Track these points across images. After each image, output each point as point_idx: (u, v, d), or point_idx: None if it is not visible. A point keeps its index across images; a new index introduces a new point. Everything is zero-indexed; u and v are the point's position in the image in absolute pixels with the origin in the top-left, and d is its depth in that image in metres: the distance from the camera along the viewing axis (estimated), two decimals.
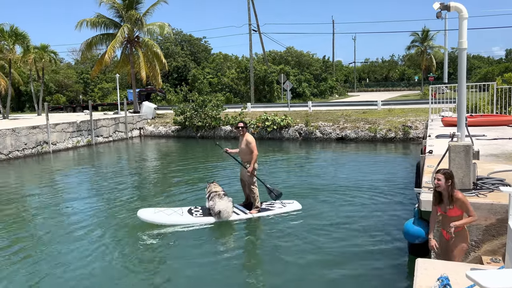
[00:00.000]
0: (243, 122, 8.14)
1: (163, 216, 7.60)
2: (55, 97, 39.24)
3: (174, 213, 7.74)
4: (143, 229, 7.39)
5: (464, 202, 4.27)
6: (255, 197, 7.95)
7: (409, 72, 75.67)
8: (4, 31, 23.38)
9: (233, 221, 7.69)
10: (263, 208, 8.07)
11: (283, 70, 41.69)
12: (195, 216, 7.70)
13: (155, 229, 7.36)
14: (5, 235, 7.49)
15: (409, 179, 10.57)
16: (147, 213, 7.70)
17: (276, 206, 8.25)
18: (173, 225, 7.45)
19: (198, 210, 7.96)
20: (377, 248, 6.35)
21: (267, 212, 7.99)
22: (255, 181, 7.95)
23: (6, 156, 16.49)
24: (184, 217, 7.64)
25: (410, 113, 21.23)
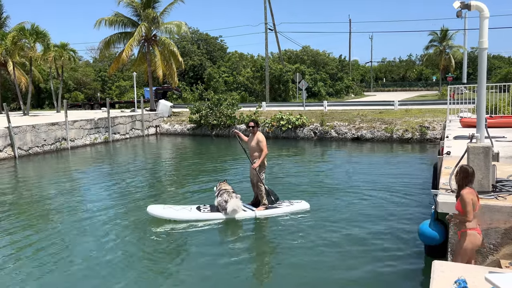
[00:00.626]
0: (254, 121, 8.20)
1: (172, 212, 7.79)
2: (74, 95, 39.87)
3: (182, 209, 7.92)
4: (153, 224, 7.59)
5: (463, 199, 4.34)
6: (262, 195, 8.02)
7: (426, 72, 74.51)
8: (26, 29, 23.86)
9: (240, 218, 7.77)
10: (270, 206, 8.13)
11: (298, 69, 41.53)
12: (203, 211, 7.84)
13: (164, 224, 7.54)
14: (22, 225, 7.68)
15: (426, 181, 10.44)
16: (157, 209, 7.89)
17: (283, 204, 8.28)
18: (182, 220, 7.62)
19: (207, 207, 8.09)
20: (392, 249, 6.30)
21: (274, 210, 8.05)
22: (263, 179, 8.02)
23: (26, 152, 16.85)
24: (192, 213, 7.80)
25: (428, 114, 20.94)
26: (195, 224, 7.53)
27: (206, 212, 7.80)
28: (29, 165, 15.19)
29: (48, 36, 24.84)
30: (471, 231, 4.35)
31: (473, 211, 4.36)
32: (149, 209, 7.89)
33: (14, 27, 25.50)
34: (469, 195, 4.36)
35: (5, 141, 16.05)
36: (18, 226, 7.81)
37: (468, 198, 4.34)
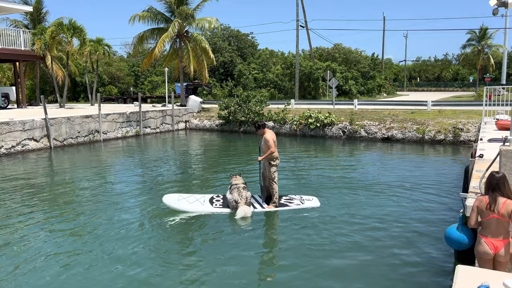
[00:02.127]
0: (255, 125, 8.31)
1: (185, 204, 8.09)
2: (108, 89, 41.01)
3: (196, 201, 8.21)
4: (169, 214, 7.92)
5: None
6: (273, 193, 8.10)
7: (463, 72, 72.10)
8: (64, 24, 24.68)
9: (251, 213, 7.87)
10: (281, 203, 8.21)
11: (329, 67, 41.09)
12: (215, 206, 8.09)
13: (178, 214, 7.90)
14: (51, 212, 8.03)
15: (457, 184, 10.14)
16: (171, 200, 8.19)
17: (294, 202, 8.31)
18: (194, 212, 7.91)
19: (219, 199, 8.35)
20: (418, 253, 6.18)
21: (284, 207, 8.10)
22: (275, 177, 8.10)
23: (61, 143, 17.49)
24: (204, 206, 8.06)
25: (462, 115, 20.28)
26: (208, 216, 7.84)
27: (218, 207, 8.06)
28: (63, 155, 15.76)
29: (84, 31, 25.61)
30: (478, 237, 4.34)
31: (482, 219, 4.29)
32: (164, 199, 8.21)
33: (53, 22, 26.42)
34: (475, 202, 4.36)
35: (41, 132, 16.72)
36: (47, 212, 8.21)
37: (474, 204, 4.36)
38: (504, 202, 4.22)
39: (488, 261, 4.29)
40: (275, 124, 22.03)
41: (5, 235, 6.98)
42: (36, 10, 29.53)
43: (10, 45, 23.39)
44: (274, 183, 8.09)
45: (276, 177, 8.17)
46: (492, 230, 4.24)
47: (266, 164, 8.17)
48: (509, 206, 4.19)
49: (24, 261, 5.96)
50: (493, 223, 4.22)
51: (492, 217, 4.22)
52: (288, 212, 8.01)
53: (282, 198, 8.45)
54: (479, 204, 4.33)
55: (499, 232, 4.22)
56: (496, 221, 4.21)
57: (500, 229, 4.22)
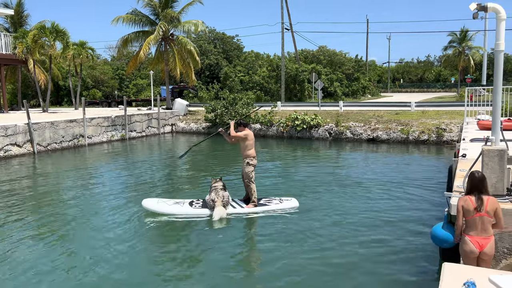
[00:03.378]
0: (241, 121, 8.42)
1: (164, 206, 8.10)
2: (92, 92, 40.52)
3: (175, 204, 8.22)
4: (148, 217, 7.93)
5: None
6: (252, 192, 8.21)
7: (445, 74, 73.39)
8: (46, 28, 24.36)
9: (229, 214, 7.94)
10: (260, 203, 8.30)
11: (314, 69, 41.37)
12: (194, 207, 8.12)
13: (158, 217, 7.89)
14: (34, 216, 7.91)
15: (441, 183, 10.34)
16: (150, 203, 8.24)
17: (273, 202, 8.42)
18: (173, 214, 7.92)
19: (199, 202, 8.35)
20: (404, 251, 6.28)
21: (263, 207, 8.19)
22: (253, 176, 8.22)
23: (45, 148, 17.23)
24: (184, 208, 8.08)
25: (445, 116, 20.66)
26: (186, 219, 7.81)
27: (197, 208, 8.08)
28: (47, 161, 15.53)
29: (67, 34, 25.32)
30: (462, 237, 4.47)
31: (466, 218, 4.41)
32: (143, 202, 8.24)
33: (35, 26, 26.07)
34: (459, 202, 4.47)
35: (25, 137, 16.44)
36: (29, 218, 8.10)
37: (458, 205, 4.46)
38: (487, 200, 4.35)
39: (473, 259, 4.39)
40: (262, 126, 22.09)
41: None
42: (17, 13, 29.05)
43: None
44: (251, 183, 8.22)
45: (254, 176, 8.28)
46: (477, 228, 4.34)
47: (244, 164, 8.28)
48: (494, 204, 4.31)
49: (5, 268, 5.87)
50: (478, 222, 4.33)
51: (477, 216, 4.33)
52: (268, 212, 8.12)
53: (261, 199, 8.55)
54: (464, 203, 4.43)
55: (483, 230, 4.33)
56: (481, 219, 4.32)
57: (485, 226, 4.32)
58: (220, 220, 7.65)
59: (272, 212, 8.10)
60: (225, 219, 7.78)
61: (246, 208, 8.15)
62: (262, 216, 7.99)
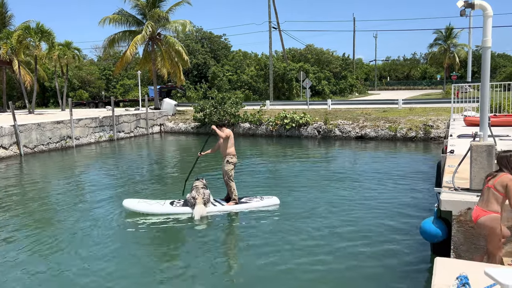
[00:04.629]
0: (216, 122, 8.57)
1: (145, 206, 8.13)
2: (78, 93, 40.06)
3: (156, 204, 8.23)
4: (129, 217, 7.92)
5: None
6: (231, 190, 8.33)
7: (431, 71, 74.33)
8: (31, 28, 24.00)
9: (210, 212, 8.01)
10: (241, 202, 8.41)
11: (302, 67, 41.51)
12: (175, 206, 8.16)
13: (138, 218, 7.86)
14: (22, 221, 7.80)
15: (429, 179, 10.46)
16: (131, 203, 8.24)
17: (253, 200, 8.53)
18: (154, 214, 7.96)
19: (180, 202, 8.36)
20: (394, 247, 6.33)
21: (244, 205, 8.29)
22: (232, 175, 8.33)
23: (32, 150, 16.97)
24: (164, 207, 8.11)
25: (432, 112, 20.91)
26: (167, 218, 7.81)
27: (178, 207, 8.11)
28: (34, 163, 15.30)
29: (52, 34, 24.98)
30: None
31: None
32: (124, 202, 8.23)
33: (19, 26, 25.66)
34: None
35: (11, 139, 16.18)
36: (15, 220, 7.97)
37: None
38: (500, 176, 4.30)
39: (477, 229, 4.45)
40: (251, 125, 22.09)
41: None
42: (0, 14, 28.57)
43: None
44: (231, 181, 8.32)
45: (233, 175, 8.37)
46: (482, 199, 4.35)
47: (224, 162, 8.37)
48: (504, 180, 4.23)
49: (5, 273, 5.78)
50: (485, 193, 4.34)
51: (486, 187, 4.35)
52: (249, 209, 8.21)
53: (242, 198, 8.62)
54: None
55: (485, 202, 4.28)
56: (487, 190, 4.31)
57: (488, 198, 4.27)
58: (201, 219, 7.69)
59: (254, 209, 8.20)
60: (206, 217, 7.82)
61: (227, 206, 8.23)
62: (245, 214, 8.07)
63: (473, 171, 5.23)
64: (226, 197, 8.59)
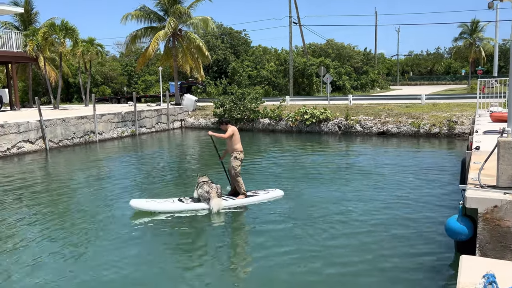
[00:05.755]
0: (220, 120, 8.53)
1: (155, 204, 7.96)
2: (101, 89, 40.75)
3: (165, 202, 8.10)
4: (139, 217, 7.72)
5: None
6: (239, 185, 8.40)
7: (455, 65, 72.60)
8: (56, 25, 24.50)
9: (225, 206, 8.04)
10: (248, 195, 8.48)
11: (323, 62, 41.16)
12: (186, 202, 8.08)
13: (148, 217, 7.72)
14: (45, 213, 8.02)
15: (453, 176, 10.25)
16: (139, 202, 8.03)
17: (260, 193, 8.69)
18: (165, 212, 7.82)
19: (188, 199, 8.30)
20: (418, 244, 6.25)
21: (253, 198, 8.41)
22: (239, 171, 8.40)
23: (56, 145, 17.40)
24: (175, 204, 8.00)
25: (456, 108, 20.45)
26: (179, 215, 7.74)
27: (189, 203, 8.04)
28: (59, 157, 15.69)
29: (76, 31, 25.42)
30: None
31: None
32: (132, 203, 7.98)
33: (45, 23, 26.23)
34: None
35: (37, 134, 16.62)
36: (40, 214, 8.18)
37: None
38: None
39: None
40: (270, 121, 22.06)
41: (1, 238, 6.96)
42: (26, 11, 29.23)
43: (2, 47, 23.18)
44: (238, 176, 8.40)
45: (240, 170, 8.45)
46: None
47: (232, 158, 8.40)
48: None
49: (15, 263, 5.96)
50: None
51: None
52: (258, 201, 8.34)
53: (247, 192, 8.67)
54: None
55: None
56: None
57: None
58: (218, 213, 7.74)
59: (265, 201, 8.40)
60: (222, 212, 7.85)
61: (238, 200, 8.31)
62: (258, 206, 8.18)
63: (500, 168, 5.10)
64: (231, 192, 8.68)
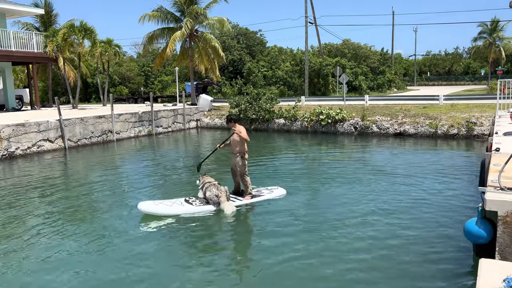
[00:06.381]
0: (229, 117, 8.53)
1: (165, 207, 7.79)
2: (118, 89, 41.30)
3: (174, 204, 8.01)
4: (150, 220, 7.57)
5: None
6: (247, 185, 8.43)
7: (474, 66, 71.27)
8: (75, 26, 24.94)
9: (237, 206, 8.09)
10: (254, 195, 8.53)
11: (339, 62, 40.91)
12: (195, 205, 8.03)
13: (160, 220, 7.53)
14: (64, 211, 8.18)
15: (472, 177, 10.09)
16: (148, 206, 7.80)
17: (264, 192, 8.75)
18: (175, 215, 7.69)
19: (194, 200, 8.29)
20: (435, 247, 6.17)
21: (259, 198, 8.46)
22: (247, 170, 8.44)
23: (75, 143, 17.71)
24: (185, 207, 7.94)
25: (475, 109, 20.09)
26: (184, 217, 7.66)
27: (199, 206, 8.01)
28: (77, 155, 15.96)
29: (95, 32, 25.81)
30: None
31: None
32: (140, 206, 7.77)
33: (64, 24, 26.71)
34: None
35: (56, 133, 16.95)
36: (59, 212, 8.35)
37: None
38: None
39: None
40: (286, 121, 22.04)
41: (16, 234, 7.13)
42: (47, 13, 29.85)
43: (23, 48, 23.70)
44: (246, 176, 8.44)
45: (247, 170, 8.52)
46: None
47: (238, 158, 8.40)
48: None
49: (34, 261, 6.07)
50: None
51: None
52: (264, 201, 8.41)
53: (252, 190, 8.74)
54: None
55: None
56: None
57: None
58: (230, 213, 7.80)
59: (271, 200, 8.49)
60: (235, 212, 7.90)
61: (245, 200, 8.35)
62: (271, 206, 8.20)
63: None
64: (234, 191, 8.78)
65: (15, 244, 6.65)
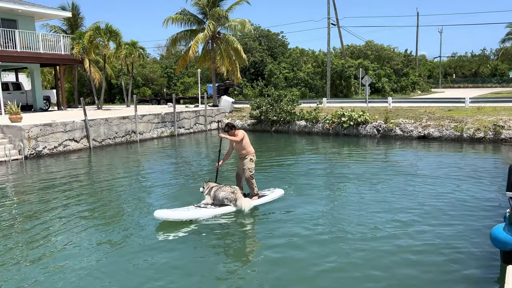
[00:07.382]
0: (228, 125, 8.50)
1: (183, 212, 7.60)
2: (142, 90, 41.94)
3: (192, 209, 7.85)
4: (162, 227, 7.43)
5: None
6: (253, 187, 8.52)
7: (502, 68, 69.28)
8: (101, 29, 25.48)
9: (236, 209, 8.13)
10: (260, 196, 8.68)
11: (361, 64, 40.46)
12: (210, 208, 7.95)
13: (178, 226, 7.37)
14: (89, 209, 8.35)
15: (499, 182, 9.81)
16: (165, 213, 7.51)
17: (267, 193, 8.92)
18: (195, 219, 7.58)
19: (206, 206, 8.06)
20: (461, 254, 6.02)
21: (265, 198, 8.63)
22: (253, 173, 8.50)
23: (99, 144, 18.09)
24: (203, 211, 7.78)
25: (503, 112, 19.53)
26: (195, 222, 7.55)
27: (217, 207, 7.93)
28: (101, 155, 16.29)
29: (120, 34, 26.31)
30: None
31: None
32: (156, 214, 7.47)
33: (90, 27, 27.31)
34: None
35: (81, 133, 17.35)
36: (83, 210, 8.52)
37: None
38: None
39: None
40: (307, 123, 21.93)
41: (42, 230, 7.32)
42: (73, 16, 30.61)
43: (51, 50, 24.38)
44: (253, 178, 8.52)
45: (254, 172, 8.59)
46: None
47: (247, 160, 8.42)
48: None
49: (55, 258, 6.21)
50: None
51: None
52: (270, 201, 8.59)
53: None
54: None
55: None
56: None
57: None
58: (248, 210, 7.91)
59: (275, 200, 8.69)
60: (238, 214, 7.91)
61: (253, 201, 8.39)
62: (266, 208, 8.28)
63: None
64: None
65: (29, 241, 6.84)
